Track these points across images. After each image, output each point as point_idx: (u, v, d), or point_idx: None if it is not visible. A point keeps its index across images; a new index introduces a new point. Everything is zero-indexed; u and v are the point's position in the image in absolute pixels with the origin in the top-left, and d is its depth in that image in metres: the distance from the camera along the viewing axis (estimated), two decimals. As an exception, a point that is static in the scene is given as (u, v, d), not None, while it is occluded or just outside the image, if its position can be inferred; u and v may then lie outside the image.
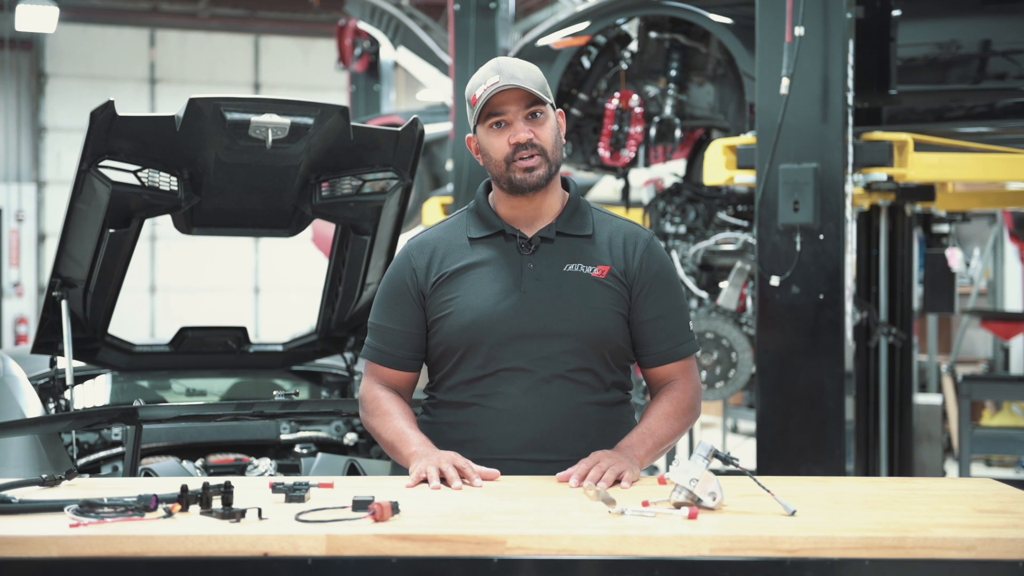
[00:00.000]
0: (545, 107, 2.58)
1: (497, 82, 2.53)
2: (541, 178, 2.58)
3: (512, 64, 2.58)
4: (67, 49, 16.49)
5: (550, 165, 2.58)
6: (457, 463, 2.42)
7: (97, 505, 2.04)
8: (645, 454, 2.56)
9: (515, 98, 2.55)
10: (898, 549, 1.96)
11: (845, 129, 4.50)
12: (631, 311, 2.64)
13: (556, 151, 2.60)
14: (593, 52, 5.70)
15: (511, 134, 2.55)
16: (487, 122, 2.58)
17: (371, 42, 10.98)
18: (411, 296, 2.65)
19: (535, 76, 2.58)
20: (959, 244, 8.78)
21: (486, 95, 2.54)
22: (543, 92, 2.57)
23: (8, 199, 16.18)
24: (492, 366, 2.58)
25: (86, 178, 3.10)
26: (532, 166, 2.56)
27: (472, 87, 2.60)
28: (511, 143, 2.55)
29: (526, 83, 2.54)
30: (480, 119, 2.59)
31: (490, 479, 2.43)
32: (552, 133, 2.59)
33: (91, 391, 3.73)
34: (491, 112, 2.56)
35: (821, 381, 4.51)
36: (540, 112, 2.58)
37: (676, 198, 5.63)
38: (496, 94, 2.54)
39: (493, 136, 2.58)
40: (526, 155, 2.55)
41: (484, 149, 2.62)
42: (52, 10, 13.41)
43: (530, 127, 2.56)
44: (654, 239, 2.71)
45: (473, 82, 2.60)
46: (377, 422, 2.64)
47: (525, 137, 2.55)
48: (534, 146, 2.56)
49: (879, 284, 6.36)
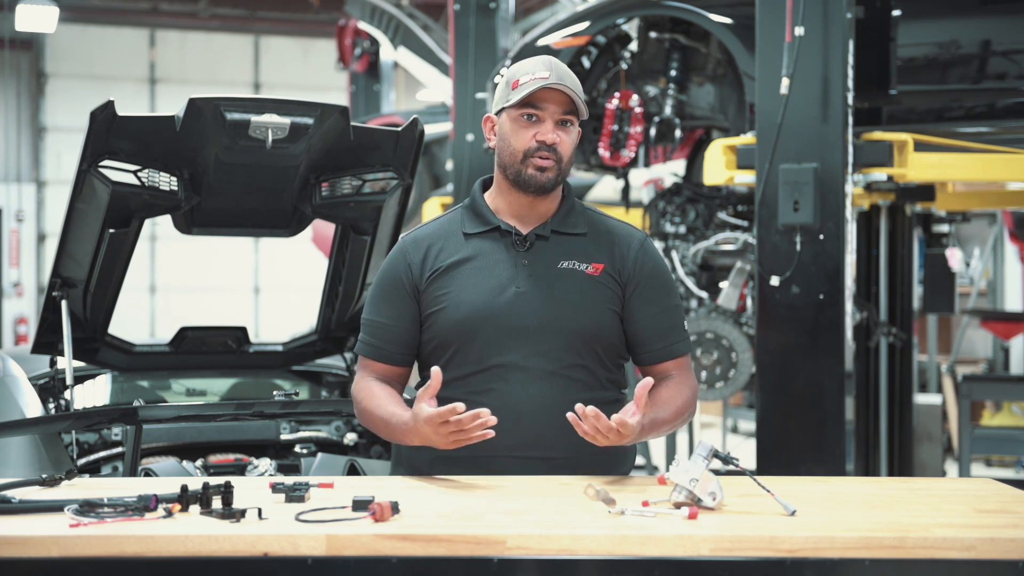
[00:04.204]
0: (576, 120, 2.62)
1: (547, 78, 2.56)
2: (549, 181, 2.60)
3: (563, 68, 2.61)
4: (67, 49, 16.48)
5: (560, 174, 2.62)
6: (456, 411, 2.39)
7: (97, 505, 2.04)
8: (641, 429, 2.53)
9: (558, 99, 2.58)
10: (898, 549, 1.97)
11: (845, 129, 4.50)
12: (625, 310, 2.65)
13: (569, 163, 2.64)
14: (593, 52, 5.70)
15: (540, 131, 2.58)
16: (520, 111, 2.59)
17: (371, 42, 10.98)
18: (405, 291, 2.65)
19: (579, 88, 2.63)
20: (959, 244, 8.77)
21: (533, 86, 2.56)
22: (582, 104, 2.61)
23: (8, 199, 16.17)
24: (485, 362, 2.58)
25: (86, 178, 3.10)
26: (545, 167, 2.59)
27: (517, 72, 2.61)
28: (536, 139, 2.58)
29: (573, 90, 2.58)
30: (514, 105, 2.60)
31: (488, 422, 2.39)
32: (573, 145, 2.63)
33: (91, 391, 3.73)
34: (529, 103, 2.58)
35: (821, 381, 4.51)
36: (571, 123, 2.61)
37: (676, 198, 5.63)
38: (542, 89, 2.56)
39: (521, 126, 2.60)
40: (545, 155, 2.58)
41: (505, 135, 2.63)
42: (52, 10, 13.40)
43: (558, 132, 2.59)
44: (648, 239, 2.72)
45: (519, 68, 2.62)
46: (371, 406, 2.62)
47: (552, 139, 2.58)
48: (555, 151, 2.59)
49: (879, 284, 6.36)
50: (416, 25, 9.83)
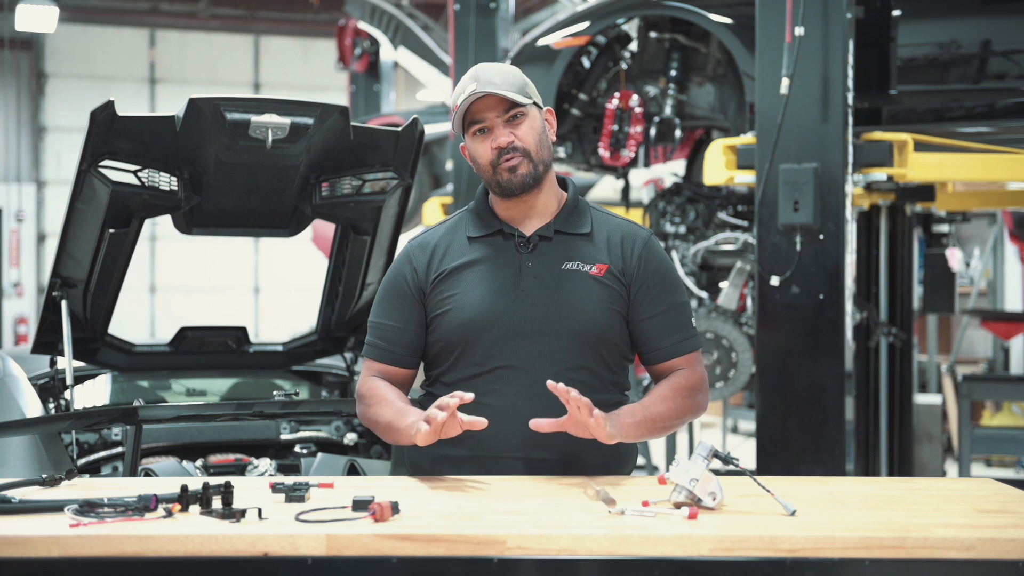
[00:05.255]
0: (525, 108, 2.61)
1: (474, 89, 2.57)
2: (526, 177, 2.59)
3: (489, 70, 2.61)
4: (67, 49, 16.48)
5: (534, 164, 2.60)
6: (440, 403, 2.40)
7: (97, 505, 2.04)
8: (632, 423, 2.53)
9: (492, 104, 2.59)
10: (898, 549, 1.97)
11: (845, 129, 4.50)
12: (631, 310, 2.64)
13: (541, 150, 2.62)
14: (593, 52, 5.70)
15: (492, 139, 2.59)
16: (470, 130, 2.63)
17: (371, 42, 10.98)
18: (411, 294, 2.66)
19: (512, 78, 2.61)
20: (959, 244, 8.78)
21: (463, 104, 2.59)
22: (521, 94, 2.59)
23: (8, 199, 16.18)
24: (490, 364, 2.58)
25: (86, 178, 3.10)
26: (514, 166, 2.59)
27: (453, 97, 2.65)
28: (493, 148, 2.59)
29: (501, 88, 2.57)
30: (464, 128, 2.64)
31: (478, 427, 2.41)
32: (534, 133, 2.61)
33: (91, 391, 3.73)
34: (472, 120, 2.61)
35: (821, 381, 4.51)
36: (520, 114, 2.61)
37: (676, 198, 5.63)
38: (473, 102, 2.58)
39: (477, 143, 2.63)
40: (508, 157, 2.59)
41: (471, 155, 2.68)
42: (52, 10, 13.41)
43: (510, 129, 2.59)
44: (652, 238, 2.72)
45: (455, 92, 2.65)
46: (375, 408, 2.62)
47: (505, 141, 2.58)
48: (515, 148, 2.59)
49: (879, 284, 6.36)
50: (416, 25, 9.83)
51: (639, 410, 2.57)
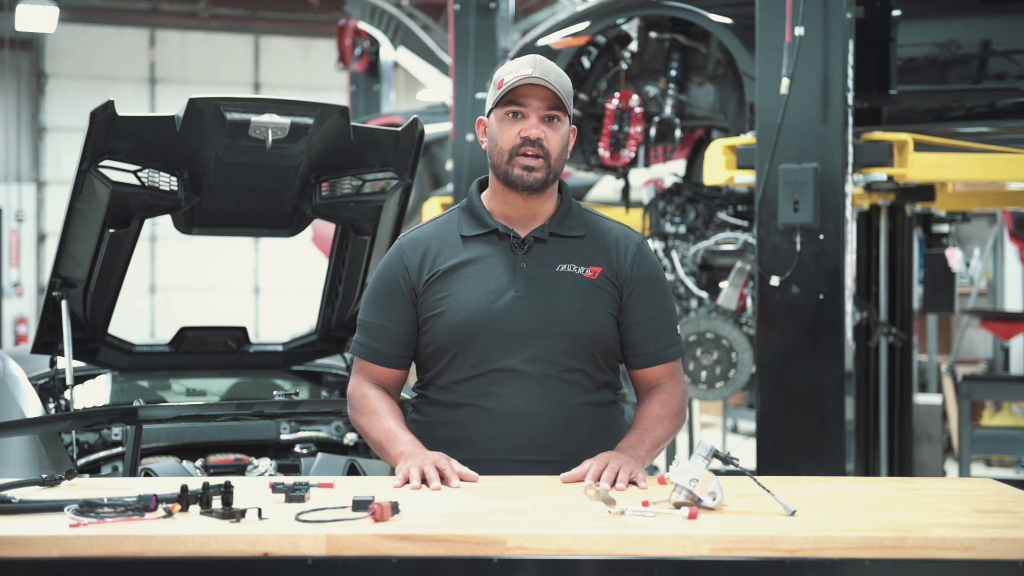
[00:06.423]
0: (563, 115, 2.60)
1: (529, 74, 2.55)
2: (537, 181, 2.58)
3: (548, 65, 2.60)
4: (67, 49, 16.49)
5: (549, 172, 2.59)
6: (439, 464, 2.41)
7: (97, 505, 2.04)
8: (645, 454, 2.58)
9: (540, 95, 2.56)
10: (898, 549, 1.96)
11: (845, 129, 4.50)
12: (621, 312, 2.65)
13: (559, 160, 2.61)
14: (593, 52, 5.70)
15: (524, 127, 2.56)
16: (505, 109, 2.58)
17: (371, 42, 10.98)
18: (403, 293, 2.65)
19: (565, 83, 2.61)
20: (959, 244, 8.77)
21: (513, 82, 2.55)
22: (568, 100, 2.59)
23: (8, 199, 16.18)
24: (485, 366, 2.58)
25: (86, 178, 3.10)
26: (532, 166, 2.57)
27: (502, 72, 2.61)
28: (521, 136, 2.56)
29: (556, 85, 2.56)
30: (499, 103, 2.59)
31: (470, 480, 2.42)
32: (561, 142, 2.60)
33: (91, 391, 3.73)
34: (512, 100, 2.57)
35: (821, 381, 4.51)
36: (557, 118, 2.59)
37: (676, 198, 5.63)
38: (523, 85, 2.55)
39: (506, 124, 2.59)
40: (530, 152, 2.56)
41: (493, 134, 2.62)
42: (52, 10, 13.41)
43: (543, 127, 2.57)
44: (645, 242, 2.72)
45: (504, 67, 2.62)
46: (365, 420, 2.64)
47: (536, 134, 2.56)
48: (541, 147, 2.56)
49: (879, 284, 6.36)
50: (416, 25, 9.83)
51: (646, 437, 2.60)
